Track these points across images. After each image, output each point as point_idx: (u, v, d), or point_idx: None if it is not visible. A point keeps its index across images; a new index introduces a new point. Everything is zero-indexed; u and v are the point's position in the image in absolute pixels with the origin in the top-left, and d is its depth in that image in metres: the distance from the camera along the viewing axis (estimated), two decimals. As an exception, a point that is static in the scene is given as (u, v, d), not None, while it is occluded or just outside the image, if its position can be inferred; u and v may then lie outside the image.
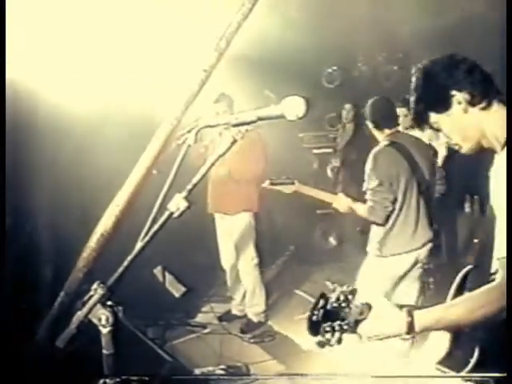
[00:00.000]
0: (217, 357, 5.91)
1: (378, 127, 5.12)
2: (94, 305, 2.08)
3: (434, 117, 2.83)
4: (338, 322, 2.45)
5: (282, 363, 5.83)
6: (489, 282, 2.63)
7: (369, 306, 2.49)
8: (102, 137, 5.21)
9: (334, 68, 8.72)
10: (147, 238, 2.12)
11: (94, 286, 2.10)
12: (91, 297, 2.09)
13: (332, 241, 9.13)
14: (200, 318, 7.10)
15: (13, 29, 4.44)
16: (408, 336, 2.47)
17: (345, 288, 2.53)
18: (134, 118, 5.22)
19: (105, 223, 3.91)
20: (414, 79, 2.87)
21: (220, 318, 7.27)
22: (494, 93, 2.75)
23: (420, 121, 2.90)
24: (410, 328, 2.46)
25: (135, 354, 2.40)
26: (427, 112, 2.85)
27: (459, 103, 2.74)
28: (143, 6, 5.04)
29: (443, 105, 2.77)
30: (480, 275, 2.82)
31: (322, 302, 2.45)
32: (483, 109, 2.74)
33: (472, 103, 2.74)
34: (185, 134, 5.20)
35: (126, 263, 2.12)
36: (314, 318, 2.42)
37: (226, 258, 7.07)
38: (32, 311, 4.45)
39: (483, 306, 2.46)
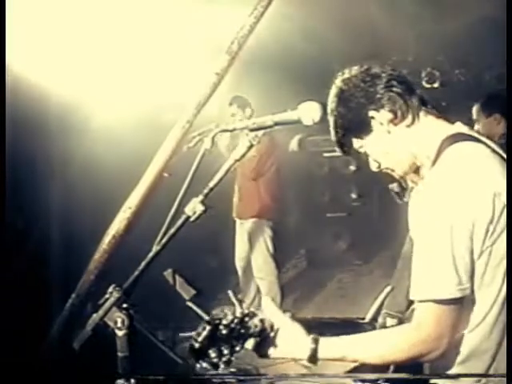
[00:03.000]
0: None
1: None
2: (110, 308, 2.08)
3: (356, 142, 2.49)
4: (229, 345, 2.20)
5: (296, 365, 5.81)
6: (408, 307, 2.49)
7: (271, 325, 2.25)
8: (114, 139, 5.22)
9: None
10: (163, 241, 2.12)
11: (110, 289, 2.10)
12: (107, 300, 2.10)
13: (342, 244, 9.10)
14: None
15: (16, 29, 4.46)
16: (309, 364, 2.24)
17: (241, 311, 2.32)
18: (146, 120, 5.24)
19: (117, 225, 3.94)
20: (330, 97, 2.50)
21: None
22: (418, 105, 2.41)
23: (343, 147, 2.54)
24: (313, 356, 2.21)
25: (146, 356, 2.40)
26: (347, 138, 2.49)
27: (380, 124, 2.38)
28: (156, 8, 5.04)
29: (363, 129, 2.43)
30: (401, 289, 2.60)
31: (208, 329, 2.16)
32: (408, 126, 2.40)
33: (394, 122, 2.38)
34: (196, 137, 5.26)
35: (141, 266, 2.12)
36: (197, 345, 2.16)
37: (240, 262, 7.10)
38: (44, 312, 4.47)
39: (395, 351, 2.22)
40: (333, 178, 9.05)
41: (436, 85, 7.54)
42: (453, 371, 2.34)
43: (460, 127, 2.39)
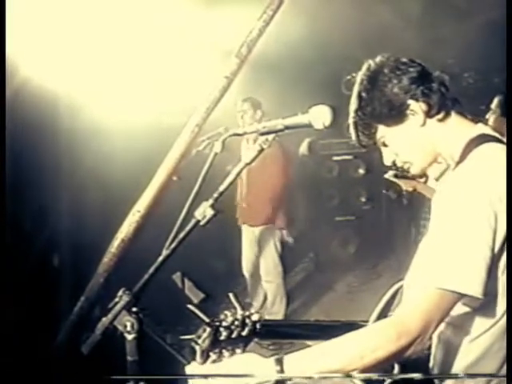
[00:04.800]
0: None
1: None
2: (120, 312, 2.08)
3: (382, 130, 2.43)
4: (230, 347, 2.21)
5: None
6: None
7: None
8: (123, 143, 5.23)
9: (354, 75, 8.70)
10: (173, 245, 2.11)
11: (120, 292, 2.10)
12: (116, 303, 2.09)
13: (351, 248, 9.09)
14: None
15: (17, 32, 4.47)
16: None
17: (241, 313, 2.26)
18: (155, 124, 5.25)
19: (126, 229, 3.94)
20: (356, 84, 2.46)
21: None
22: (452, 101, 2.40)
23: (364, 137, 2.48)
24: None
25: (155, 360, 2.40)
26: (374, 125, 2.43)
27: (415, 114, 2.36)
28: (165, 12, 5.05)
29: (397, 116, 2.37)
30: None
31: (208, 331, 2.17)
32: (440, 120, 2.38)
33: (429, 114, 2.36)
34: (205, 140, 5.26)
35: (151, 270, 2.12)
36: (198, 348, 2.15)
37: (248, 266, 7.11)
38: (53, 315, 4.48)
39: (377, 348, 2.07)
40: (342, 181, 9.05)
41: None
42: (466, 371, 2.31)
43: (482, 128, 2.39)
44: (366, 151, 8.33)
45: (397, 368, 2.34)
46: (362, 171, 8.93)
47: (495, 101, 5.13)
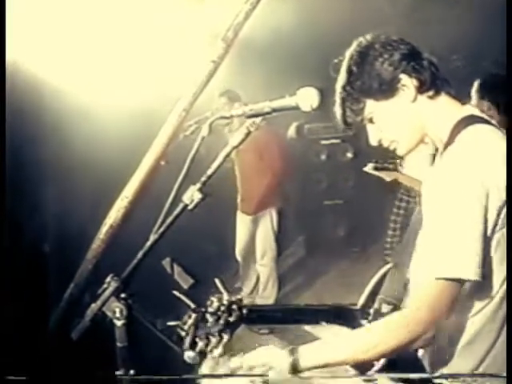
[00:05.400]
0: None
1: None
2: (108, 298, 2.07)
3: (370, 105, 2.38)
4: (216, 333, 2.23)
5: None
6: (407, 283, 2.46)
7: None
8: (110, 128, 5.20)
9: (341, 58, 8.68)
10: (161, 230, 2.10)
11: (108, 278, 2.09)
12: (105, 289, 2.08)
13: (340, 232, 9.10)
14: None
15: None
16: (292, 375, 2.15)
17: (228, 299, 2.29)
18: (142, 109, 5.21)
19: (114, 215, 3.92)
20: (346, 60, 2.45)
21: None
22: (442, 81, 2.39)
23: (350, 111, 2.43)
24: (294, 368, 2.13)
25: (145, 346, 2.39)
26: (362, 100, 2.38)
27: (406, 89, 2.33)
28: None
29: (388, 90, 2.34)
30: (400, 274, 2.57)
31: (193, 317, 2.23)
32: (431, 98, 2.36)
33: (420, 90, 2.34)
34: (192, 125, 5.23)
35: (139, 256, 2.11)
36: (184, 334, 2.22)
37: (242, 250, 7.14)
38: (42, 302, 4.47)
39: (391, 338, 2.15)
40: (330, 165, 9.05)
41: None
42: (456, 353, 2.35)
43: (471, 109, 2.39)
44: (354, 135, 8.36)
45: None
46: (350, 155, 8.93)
47: (475, 85, 5.13)
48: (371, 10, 6.98)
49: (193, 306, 2.18)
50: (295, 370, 2.14)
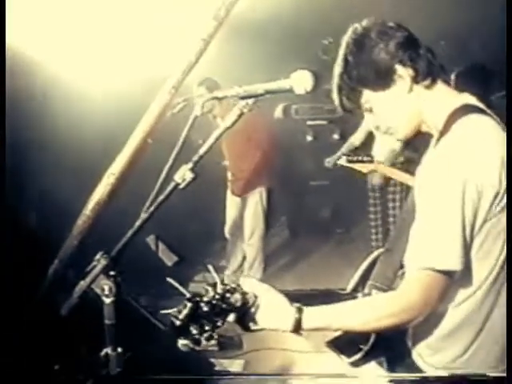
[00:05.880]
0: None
1: None
2: (98, 275, 2.07)
3: (367, 95, 2.40)
4: (210, 321, 2.23)
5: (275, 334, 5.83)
6: (398, 270, 2.51)
7: (254, 296, 2.27)
8: (99, 104, 5.19)
9: (330, 40, 8.69)
10: (152, 208, 2.11)
11: (97, 256, 2.09)
12: (94, 267, 2.09)
13: (325, 212, 9.12)
14: (192, 287, 7.11)
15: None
16: (293, 333, 2.26)
17: (222, 287, 2.32)
18: (131, 86, 5.20)
19: (100, 191, 3.92)
20: (342, 48, 2.41)
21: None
22: (438, 69, 2.39)
23: (348, 102, 2.45)
24: (297, 326, 2.23)
25: (128, 323, 2.39)
26: (359, 89, 2.40)
27: (402, 79, 2.34)
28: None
29: (384, 81, 2.35)
30: (391, 261, 2.61)
31: (189, 306, 2.18)
32: (427, 87, 2.37)
33: (416, 80, 2.35)
34: (181, 103, 5.22)
35: (129, 234, 2.11)
36: (178, 323, 2.18)
37: (231, 228, 7.17)
38: (27, 278, 4.46)
39: (379, 318, 2.23)
40: (316, 146, 9.04)
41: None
42: (440, 343, 2.39)
43: (467, 98, 2.40)
44: (341, 117, 8.36)
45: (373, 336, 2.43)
46: (336, 136, 8.91)
47: (452, 76, 5.13)
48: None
49: (188, 295, 2.19)
50: (298, 327, 2.23)
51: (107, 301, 2.07)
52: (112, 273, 2.09)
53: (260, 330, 2.31)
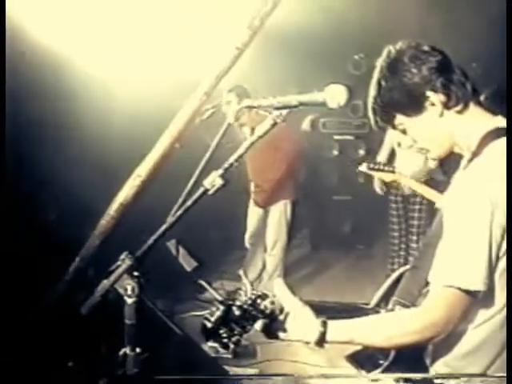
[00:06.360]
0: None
1: None
2: (121, 275, 2.08)
3: (400, 118, 2.42)
4: (240, 326, 2.26)
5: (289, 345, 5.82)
6: (423, 288, 2.51)
7: (281, 308, 2.31)
8: (128, 107, 5.22)
9: (361, 55, 8.70)
10: (179, 212, 2.12)
11: (122, 256, 2.10)
12: (118, 266, 2.10)
13: (346, 227, 9.11)
14: (210, 294, 7.12)
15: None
16: (316, 346, 2.29)
17: (254, 292, 2.30)
18: (162, 88, 5.22)
19: (126, 193, 3.95)
20: (376, 71, 2.43)
21: (229, 295, 7.30)
22: (470, 93, 2.37)
23: (382, 122, 2.47)
24: (321, 339, 2.26)
25: (147, 325, 2.41)
26: (392, 113, 2.42)
27: (433, 105, 2.35)
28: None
29: (415, 107, 2.37)
30: (416, 278, 2.61)
31: (222, 309, 2.21)
32: (459, 112, 2.37)
33: (448, 106, 2.35)
34: (210, 109, 5.24)
35: (156, 236, 2.12)
36: (210, 325, 2.21)
37: (252, 238, 7.14)
38: (48, 275, 4.48)
39: (402, 334, 2.26)
40: (341, 161, 9.05)
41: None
42: (458, 362, 2.38)
43: (501, 121, 2.38)
44: (368, 132, 8.35)
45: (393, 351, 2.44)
46: (362, 152, 8.93)
47: (484, 97, 5.10)
48: (395, 8, 6.95)
49: (220, 298, 2.22)
50: (321, 341, 2.27)
51: (129, 301, 2.08)
52: (136, 273, 2.10)
53: (284, 340, 2.34)
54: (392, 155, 7.03)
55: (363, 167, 5.34)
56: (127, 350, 2.08)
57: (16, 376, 3.49)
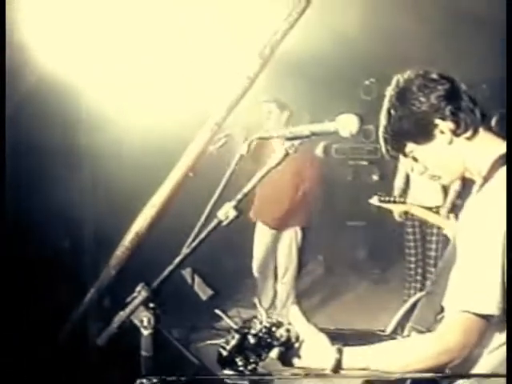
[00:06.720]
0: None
1: None
2: (138, 306, 2.09)
3: (410, 146, 2.44)
4: (256, 354, 2.26)
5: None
6: (439, 313, 2.49)
7: (297, 336, 2.32)
8: (139, 137, 5.25)
9: (372, 80, 8.73)
10: (194, 244, 2.13)
11: (138, 287, 2.11)
12: (134, 298, 2.11)
13: (360, 253, 9.10)
14: (226, 322, 7.09)
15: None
16: (332, 373, 2.28)
17: (269, 320, 2.32)
18: (174, 120, 5.24)
19: (140, 223, 3.96)
20: (386, 101, 2.46)
21: (244, 323, 7.25)
22: (479, 119, 2.38)
23: (393, 151, 2.49)
24: (337, 366, 2.26)
25: (164, 355, 2.41)
26: (403, 142, 2.44)
27: (442, 133, 2.36)
28: (189, 10, 5.05)
29: (425, 135, 2.39)
30: (432, 304, 2.60)
31: (237, 337, 2.23)
32: (468, 138, 2.37)
33: (457, 133, 2.36)
34: (222, 138, 5.27)
35: (171, 267, 2.14)
36: (225, 353, 2.21)
37: (260, 266, 7.08)
38: (63, 305, 4.49)
39: (418, 360, 2.25)
40: (355, 186, 9.05)
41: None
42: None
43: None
44: (381, 157, 8.34)
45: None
46: (375, 177, 8.93)
47: (494, 120, 5.10)
48: (404, 33, 6.99)
49: (235, 326, 2.23)
50: (337, 368, 2.26)
51: (145, 333, 2.08)
52: (152, 305, 2.11)
53: (299, 368, 2.32)
54: (408, 180, 7.05)
55: (374, 200, 5.38)
56: (144, 380, 2.08)
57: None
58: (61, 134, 5.06)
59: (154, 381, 2.08)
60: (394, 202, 5.32)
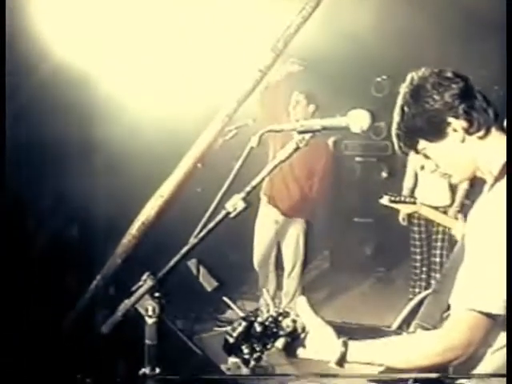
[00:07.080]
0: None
1: None
2: (143, 295, 2.10)
3: (423, 144, 2.46)
4: (261, 343, 2.27)
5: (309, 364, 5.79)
6: (445, 311, 2.50)
7: (303, 327, 2.32)
8: (151, 128, 5.25)
9: (384, 77, 8.70)
10: (201, 234, 2.14)
11: (144, 276, 2.12)
12: (140, 287, 2.12)
13: (367, 250, 9.08)
14: (230, 314, 7.11)
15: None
16: (337, 366, 2.30)
17: (276, 310, 2.32)
18: (186, 112, 5.24)
19: (147, 212, 3.97)
20: (400, 98, 2.48)
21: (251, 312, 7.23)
22: (492, 118, 2.40)
23: (405, 148, 2.51)
24: (342, 359, 2.27)
25: (167, 344, 2.42)
26: (415, 139, 2.46)
27: (455, 131, 2.38)
28: (204, 3, 5.06)
29: (438, 133, 2.40)
30: (439, 302, 2.61)
31: (243, 325, 2.23)
32: (481, 138, 2.38)
33: (469, 132, 2.37)
34: (232, 130, 5.27)
35: (178, 257, 2.14)
36: (232, 340, 2.22)
37: (262, 259, 7.06)
38: (68, 292, 4.51)
39: (423, 356, 2.27)
40: (363, 183, 9.04)
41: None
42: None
43: None
44: (390, 155, 8.32)
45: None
46: (384, 174, 8.90)
47: (506, 122, 5.08)
48: (416, 28, 6.97)
49: (242, 314, 2.25)
50: (342, 361, 2.28)
51: (150, 321, 2.09)
52: (157, 294, 2.12)
53: (304, 359, 2.34)
54: (417, 181, 7.05)
55: (385, 200, 5.37)
56: (147, 370, 2.09)
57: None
58: (73, 124, 5.07)
59: (157, 370, 2.09)
60: (405, 202, 5.32)
